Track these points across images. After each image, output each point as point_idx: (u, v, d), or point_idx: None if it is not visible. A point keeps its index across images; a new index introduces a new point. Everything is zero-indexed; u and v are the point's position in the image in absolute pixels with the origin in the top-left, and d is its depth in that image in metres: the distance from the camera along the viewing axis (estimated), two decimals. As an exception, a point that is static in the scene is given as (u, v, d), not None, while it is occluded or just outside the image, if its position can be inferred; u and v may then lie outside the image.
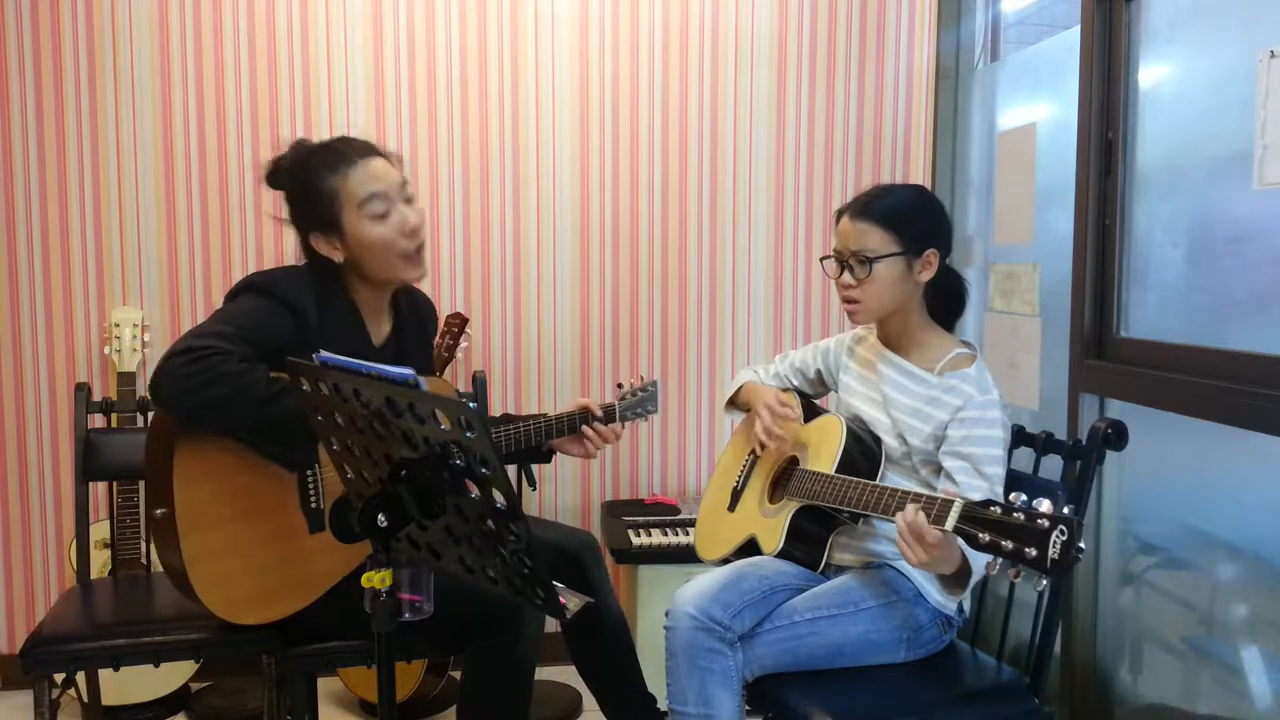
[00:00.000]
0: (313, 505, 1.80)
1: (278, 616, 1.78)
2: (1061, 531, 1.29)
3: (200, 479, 1.72)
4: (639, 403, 2.15)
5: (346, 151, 1.79)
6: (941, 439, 1.76)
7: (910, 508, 1.51)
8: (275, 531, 1.77)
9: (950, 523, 1.44)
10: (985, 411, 1.73)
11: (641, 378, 2.22)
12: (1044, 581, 1.34)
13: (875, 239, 1.77)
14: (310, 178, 1.77)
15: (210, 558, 1.72)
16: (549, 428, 2.05)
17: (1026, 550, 1.32)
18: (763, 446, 1.93)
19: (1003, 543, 1.35)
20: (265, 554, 1.77)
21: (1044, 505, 1.34)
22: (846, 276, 1.80)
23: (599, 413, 2.06)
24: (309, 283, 1.79)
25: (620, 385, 2.16)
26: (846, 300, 1.82)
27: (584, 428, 2.06)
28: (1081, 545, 1.29)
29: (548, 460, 2.17)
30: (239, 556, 1.74)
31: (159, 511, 1.74)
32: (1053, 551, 1.29)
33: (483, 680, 1.85)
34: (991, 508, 1.39)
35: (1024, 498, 1.37)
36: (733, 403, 2.12)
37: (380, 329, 1.92)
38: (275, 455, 1.75)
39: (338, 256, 1.81)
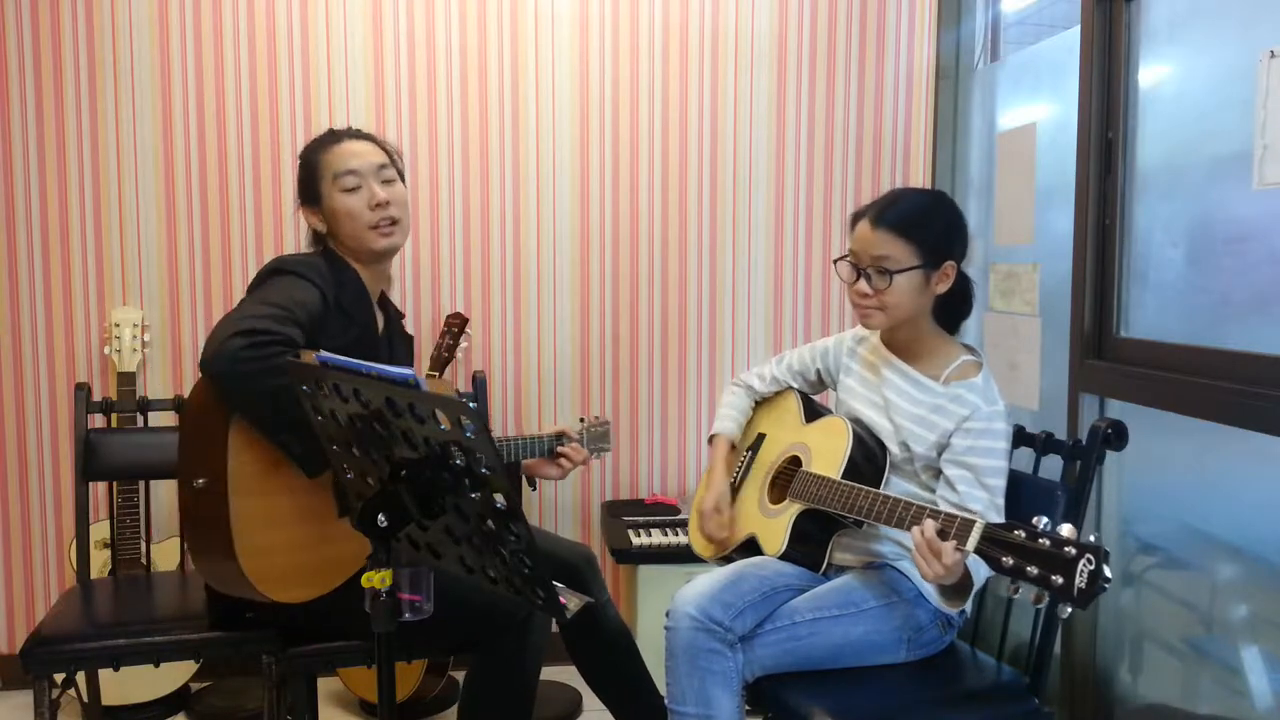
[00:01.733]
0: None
1: (305, 598, 1.78)
2: (1089, 560, 1.26)
3: (250, 446, 1.73)
4: (597, 437, 2.28)
5: (337, 134, 1.98)
6: (945, 446, 1.76)
7: (929, 524, 1.49)
8: (312, 509, 1.78)
9: (971, 543, 1.42)
10: (991, 423, 1.72)
11: (596, 417, 2.35)
12: (1068, 610, 1.30)
13: (897, 250, 1.73)
14: (306, 155, 1.98)
15: (254, 528, 1.72)
16: (525, 446, 2.14)
17: (1053, 578, 1.28)
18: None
19: (1028, 568, 1.32)
20: (302, 531, 1.77)
21: (1065, 529, 1.30)
22: (863, 284, 1.77)
23: (575, 435, 2.20)
24: (323, 262, 1.93)
25: (582, 420, 2.31)
26: (862, 308, 1.79)
27: (559, 448, 2.17)
28: (1109, 575, 1.25)
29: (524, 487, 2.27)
30: (280, 530, 1.75)
31: (199, 481, 1.74)
32: (1080, 581, 1.26)
33: (487, 692, 1.86)
34: (1015, 531, 1.36)
35: (1045, 520, 1.34)
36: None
37: (379, 316, 2.00)
38: (298, 456, 1.75)
39: (320, 226, 1.96)
